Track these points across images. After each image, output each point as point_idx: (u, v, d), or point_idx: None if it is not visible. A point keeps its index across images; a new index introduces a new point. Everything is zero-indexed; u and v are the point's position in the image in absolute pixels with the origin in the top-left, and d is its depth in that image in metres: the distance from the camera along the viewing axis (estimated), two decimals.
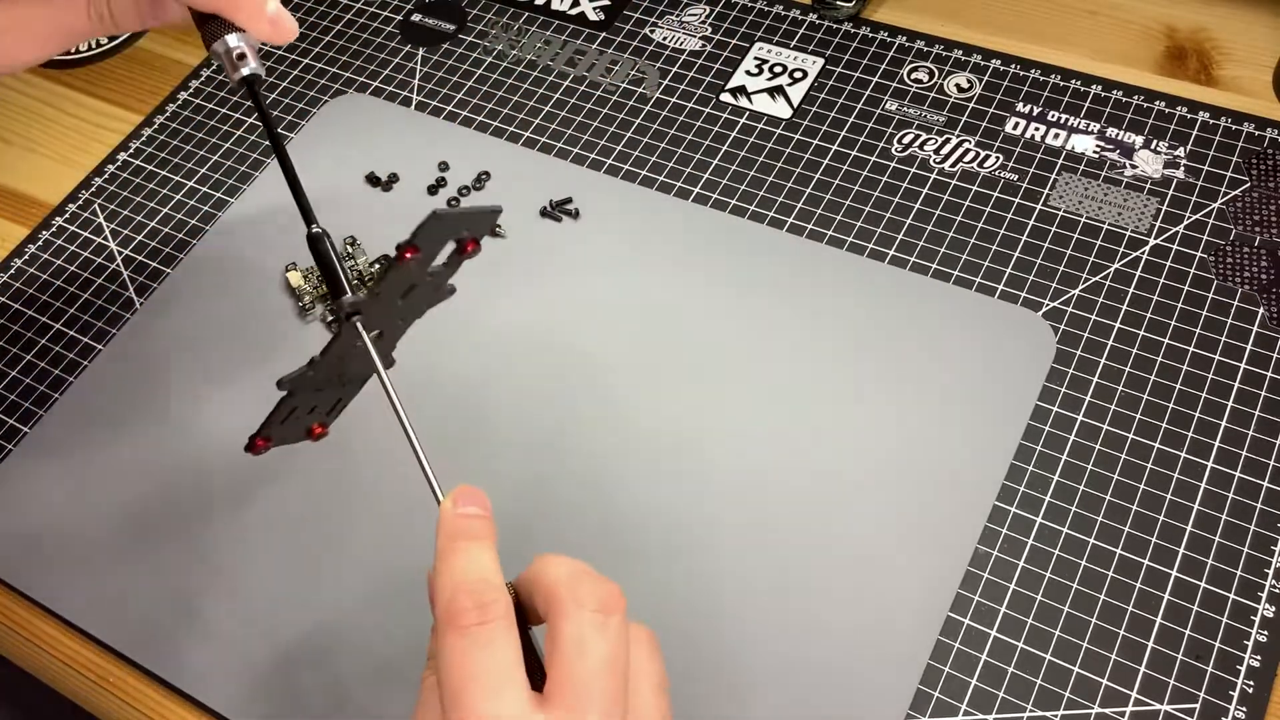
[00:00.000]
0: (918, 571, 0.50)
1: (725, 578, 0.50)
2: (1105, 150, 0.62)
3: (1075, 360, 0.55)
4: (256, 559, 0.53)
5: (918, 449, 0.53)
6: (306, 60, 0.74)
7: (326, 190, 0.67)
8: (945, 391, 0.55)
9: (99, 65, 0.77)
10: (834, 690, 0.47)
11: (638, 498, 0.53)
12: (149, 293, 0.64)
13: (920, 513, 0.51)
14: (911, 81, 0.67)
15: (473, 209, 0.40)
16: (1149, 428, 0.53)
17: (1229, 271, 0.57)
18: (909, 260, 0.60)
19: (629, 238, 0.62)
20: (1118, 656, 0.47)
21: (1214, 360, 0.54)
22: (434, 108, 0.70)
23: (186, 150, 0.71)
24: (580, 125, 0.68)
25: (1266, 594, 0.48)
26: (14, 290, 0.65)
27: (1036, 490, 0.52)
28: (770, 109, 0.67)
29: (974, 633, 0.48)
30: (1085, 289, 0.58)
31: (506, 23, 0.74)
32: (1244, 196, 0.60)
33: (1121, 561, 0.49)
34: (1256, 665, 0.46)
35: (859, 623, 0.49)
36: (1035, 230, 0.60)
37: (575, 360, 0.55)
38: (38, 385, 0.61)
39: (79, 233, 0.67)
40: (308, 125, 0.70)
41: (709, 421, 0.55)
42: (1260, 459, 0.51)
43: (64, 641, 0.53)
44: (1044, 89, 0.65)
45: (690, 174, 0.65)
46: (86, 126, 0.74)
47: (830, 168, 0.64)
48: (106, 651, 0.52)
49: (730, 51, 0.70)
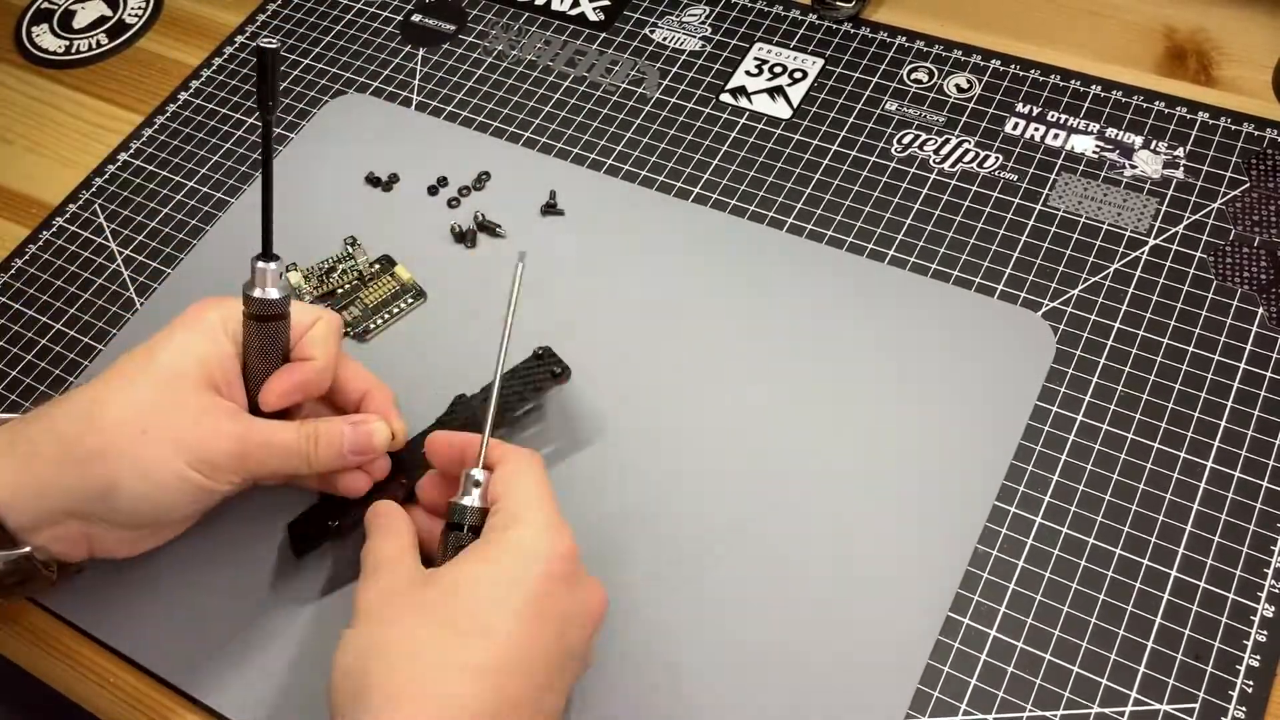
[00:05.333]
0: (917, 571, 0.50)
1: (723, 577, 0.50)
2: (1105, 150, 0.62)
3: (1075, 360, 0.55)
4: (256, 559, 0.53)
5: (917, 449, 0.53)
6: (306, 60, 0.74)
7: (327, 190, 0.67)
8: (945, 391, 0.55)
9: (99, 65, 0.77)
10: (834, 690, 0.47)
11: (634, 497, 0.53)
12: (149, 293, 0.64)
13: (920, 512, 0.51)
14: (911, 81, 0.67)
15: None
16: (1148, 428, 0.53)
17: (1229, 271, 0.57)
18: (909, 260, 0.60)
19: (628, 237, 0.62)
20: (1117, 656, 0.47)
21: (1213, 360, 0.54)
22: (434, 108, 0.70)
23: (187, 150, 0.71)
24: (580, 125, 0.68)
25: (1266, 594, 0.48)
26: (14, 290, 0.65)
27: (1036, 490, 0.52)
28: (770, 109, 0.67)
29: (974, 633, 0.48)
30: (1085, 289, 0.58)
31: (506, 23, 0.74)
32: (1243, 196, 0.60)
33: (1121, 561, 0.49)
34: (1256, 665, 0.46)
35: (859, 622, 0.49)
36: (1035, 230, 0.60)
37: (573, 359, 0.55)
38: (38, 385, 0.61)
39: (79, 233, 0.67)
40: (308, 125, 0.70)
41: (708, 421, 0.55)
42: (1260, 459, 0.51)
43: (64, 641, 0.53)
44: (1044, 89, 0.66)
45: (690, 174, 0.65)
46: (86, 126, 0.74)
47: (830, 168, 0.64)
48: (106, 651, 0.52)
49: (730, 52, 0.70)
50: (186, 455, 0.46)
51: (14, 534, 0.45)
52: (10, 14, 0.81)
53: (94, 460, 0.45)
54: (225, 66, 0.75)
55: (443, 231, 0.64)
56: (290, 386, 0.49)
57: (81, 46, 0.78)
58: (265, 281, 0.47)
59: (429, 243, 0.64)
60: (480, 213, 0.64)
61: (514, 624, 0.40)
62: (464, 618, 0.40)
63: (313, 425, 0.49)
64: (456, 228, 0.64)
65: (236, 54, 0.76)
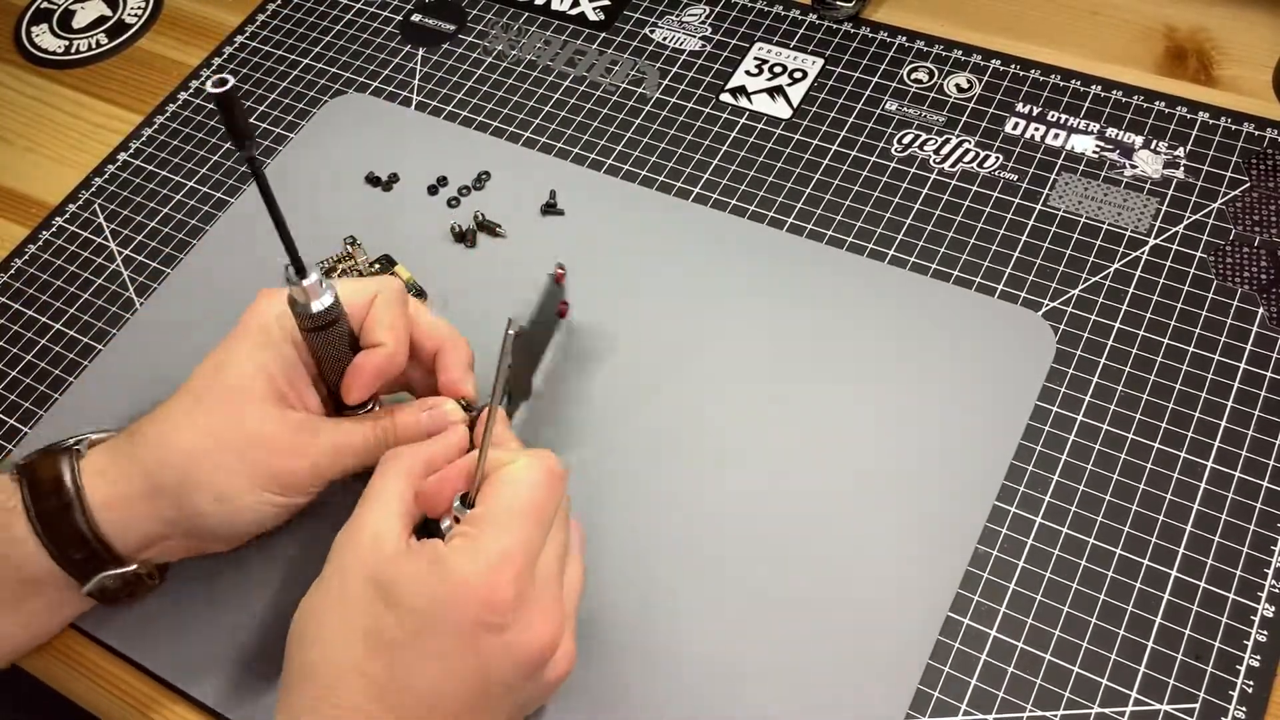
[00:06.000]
0: (918, 571, 0.50)
1: (724, 577, 0.50)
2: (1105, 150, 0.62)
3: (1075, 360, 0.55)
4: (257, 557, 0.53)
5: (917, 449, 0.53)
6: (306, 60, 0.74)
7: (327, 190, 0.67)
8: (945, 391, 0.55)
9: (99, 65, 0.77)
10: (834, 690, 0.47)
11: (629, 497, 0.53)
12: (149, 293, 0.64)
13: (920, 512, 0.51)
14: (911, 81, 0.67)
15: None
16: (1149, 428, 0.53)
17: (1229, 271, 0.57)
18: (909, 260, 0.60)
19: (628, 238, 0.62)
20: (1117, 656, 0.47)
21: (1214, 360, 0.54)
22: (434, 108, 0.70)
23: (186, 150, 0.71)
24: (580, 125, 0.68)
25: (1266, 594, 0.48)
26: (14, 290, 0.65)
27: (1036, 490, 0.52)
28: (770, 109, 0.67)
29: (974, 633, 0.48)
30: (1085, 289, 0.58)
31: (506, 23, 0.74)
32: (1244, 196, 0.60)
33: (1121, 561, 0.49)
34: (1256, 665, 0.46)
35: (859, 623, 0.49)
36: (1035, 230, 0.60)
37: (571, 358, 0.55)
38: (38, 385, 0.61)
39: (79, 233, 0.67)
40: (308, 125, 0.70)
41: (706, 420, 0.55)
42: (1260, 459, 0.51)
43: (61, 640, 0.53)
44: (1044, 89, 0.65)
45: (690, 174, 0.65)
46: (86, 126, 0.74)
47: (830, 168, 0.64)
48: (105, 650, 0.52)
49: (730, 51, 0.70)
50: (260, 480, 0.47)
51: (122, 556, 0.48)
52: (10, 14, 0.81)
53: (174, 491, 0.47)
54: (225, 66, 0.75)
55: (443, 231, 0.64)
56: (369, 378, 0.48)
57: (81, 46, 0.78)
58: (308, 297, 0.46)
59: (429, 243, 0.64)
60: (480, 213, 0.64)
61: (431, 661, 0.40)
62: (388, 647, 0.41)
63: (389, 419, 0.49)
64: (456, 227, 0.64)
65: (236, 54, 0.76)
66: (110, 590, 0.49)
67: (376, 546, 0.42)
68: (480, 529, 0.42)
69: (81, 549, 0.47)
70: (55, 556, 0.46)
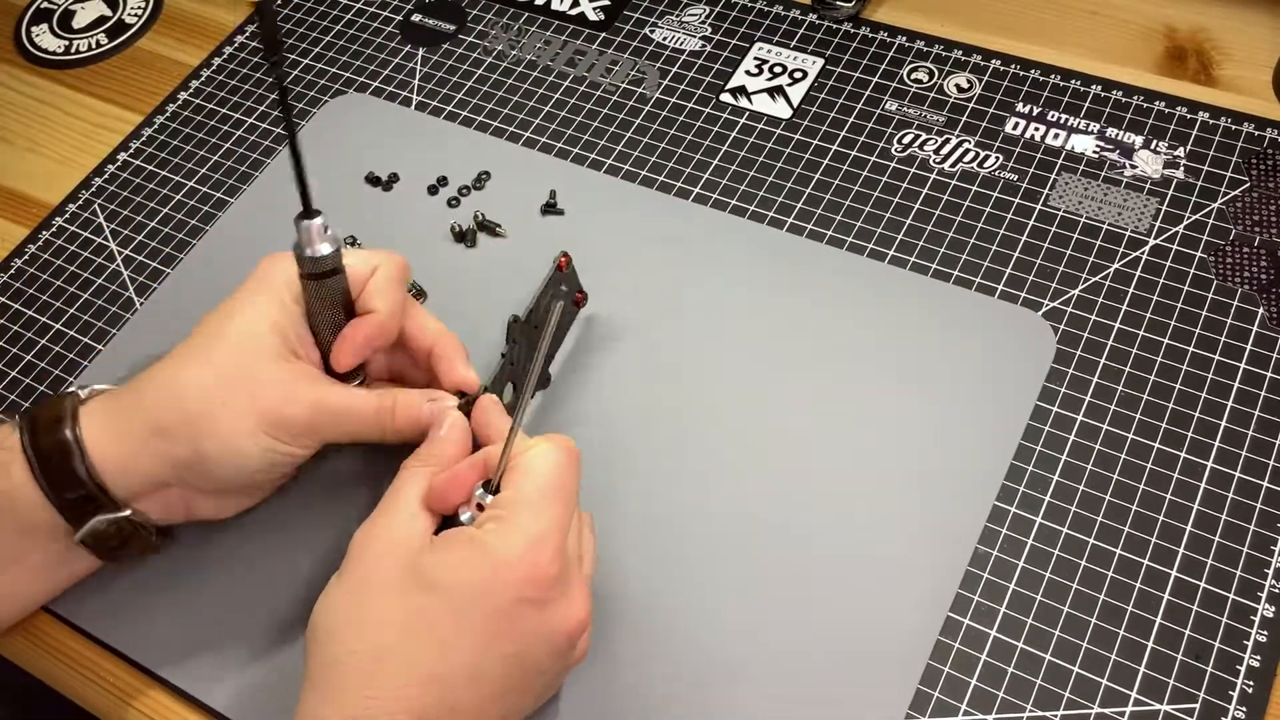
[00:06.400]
0: (917, 571, 0.50)
1: (724, 576, 0.50)
2: (1105, 150, 0.62)
3: (1075, 360, 0.55)
4: (257, 556, 0.53)
5: (917, 449, 0.53)
6: (306, 60, 0.74)
7: (327, 190, 0.67)
8: (945, 391, 0.55)
9: (99, 65, 0.77)
10: (834, 690, 0.47)
11: (631, 492, 0.53)
12: (149, 293, 0.64)
13: (920, 512, 0.51)
14: (911, 81, 0.67)
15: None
16: (1149, 428, 0.53)
17: (1229, 271, 0.57)
18: (909, 260, 0.60)
19: (628, 237, 0.62)
20: (1117, 656, 0.47)
21: (1214, 360, 0.54)
22: (434, 108, 0.70)
23: (186, 150, 0.71)
24: (580, 125, 0.68)
25: (1266, 594, 0.48)
26: (14, 290, 0.65)
27: (1036, 490, 0.52)
28: (770, 109, 0.67)
29: (974, 633, 0.48)
30: (1085, 289, 0.58)
31: (506, 23, 0.74)
32: (1244, 196, 0.60)
33: (1121, 561, 0.49)
34: (1256, 665, 0.46)
35: (859, 623, 0.49)
36: (1035, 230, 0.60)
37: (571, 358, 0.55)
38: (38, 385, 0.61)
39: (79, 233, 0.67)
40: (308, 125, 0.70)
41: (706, 420, 0.55)
42: (1260, 459, 0.51)
43: (63, 640, 0.53)
44: (1044, 89, 0.65)
45: (690, 174, 0.65)
46: (86, 126, 0.74)
47: (830, 168, 0.64)
48: (102, 648, 0.52)
49: (730, 51, 0.70)
50: (265, 425, 0.47)
51: (119, 500, 0.48)
52: (10, 14, 0.81)
53: (179, 431, 0.47)
54: (225, 66, 0.75)
55: (443, 231, 0.64)
56: (359, 343, 0.49)
57: (81, 46, 0.78)
58: (312, 239, 0.46)
59: (429, 242, 0.64)
60: (480, 212, 0.64)
61: (470, 639, 0.41)
62: (427, 628, 0.41)
63: (392, 397, 0.49)
64: (456, 227, 0.64)
65: (236, 54, 0.76)
66: (104, 537, 0.48)
67: (407, 537, 0.43)
68: (512, 511, 0.43)
69: (77, 488, 0.46)
70: (50, 497, 0.46)
